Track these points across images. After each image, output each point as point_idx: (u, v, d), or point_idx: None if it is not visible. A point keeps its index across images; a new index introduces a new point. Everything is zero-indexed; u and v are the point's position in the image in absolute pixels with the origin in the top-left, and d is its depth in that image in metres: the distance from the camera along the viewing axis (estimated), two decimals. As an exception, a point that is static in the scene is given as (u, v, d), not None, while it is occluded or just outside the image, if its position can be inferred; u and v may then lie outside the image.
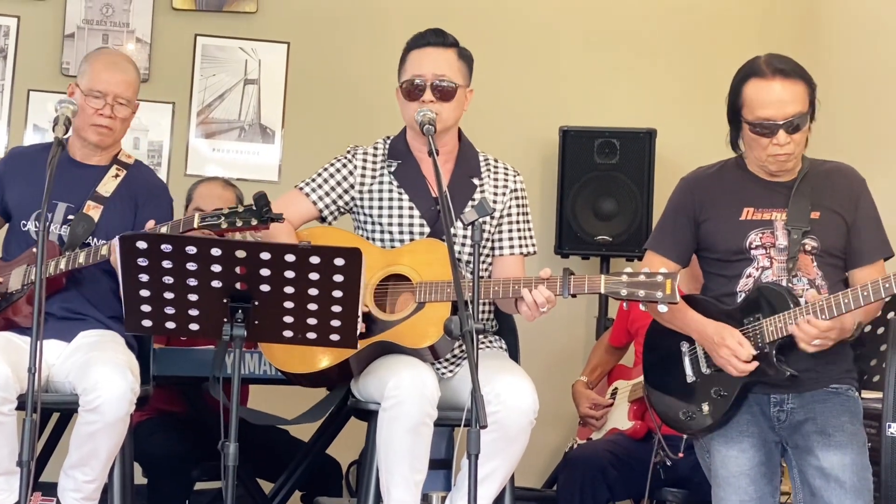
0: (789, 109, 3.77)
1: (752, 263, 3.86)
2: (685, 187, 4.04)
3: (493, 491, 3.89)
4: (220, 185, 5.22)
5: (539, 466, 5.86)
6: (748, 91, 3.82)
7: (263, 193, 3.76)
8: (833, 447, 3.75)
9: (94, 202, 4.25)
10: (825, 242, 3.83)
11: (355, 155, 4.24)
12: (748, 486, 3.84)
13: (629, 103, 6.31)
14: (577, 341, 6.26)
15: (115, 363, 3.85)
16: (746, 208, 3.89)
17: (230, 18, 6.13)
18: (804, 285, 3.82)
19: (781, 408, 3.84)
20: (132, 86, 4.30)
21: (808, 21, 6.33)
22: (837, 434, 3.76)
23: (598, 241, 5.98)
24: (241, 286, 3.35)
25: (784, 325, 3.73)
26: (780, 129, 3.77)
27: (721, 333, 3.81)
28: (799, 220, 3.83)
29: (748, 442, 3.86)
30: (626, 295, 3.72)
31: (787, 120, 3.76)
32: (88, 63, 4.31)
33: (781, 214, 3.86)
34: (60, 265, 4.08)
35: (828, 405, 3.80)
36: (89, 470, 3.85)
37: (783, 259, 3.82)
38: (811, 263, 3.83)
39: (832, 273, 3.86)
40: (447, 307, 3.89)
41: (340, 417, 4.73)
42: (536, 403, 3.86)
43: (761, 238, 3.85)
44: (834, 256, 3.86)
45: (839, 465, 3.73)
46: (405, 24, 4.29)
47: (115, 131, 4.29)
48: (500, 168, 4.28)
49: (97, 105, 4.21)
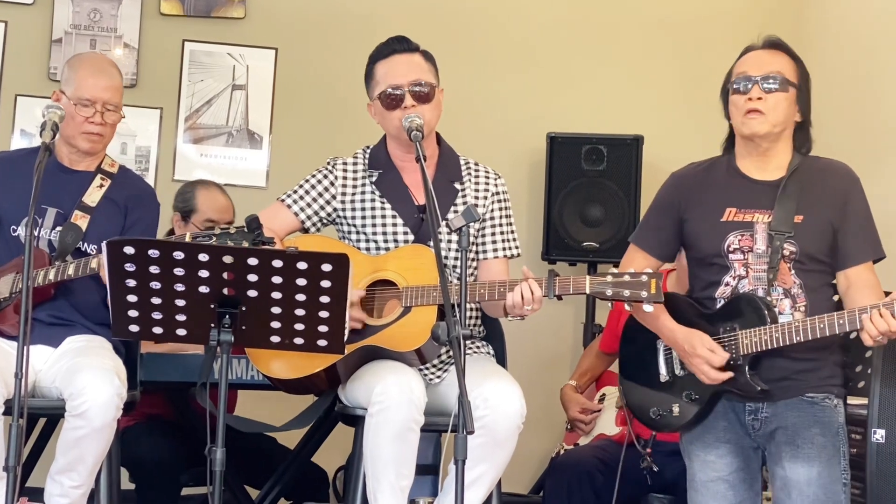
0: (767, 68, 3.78)
1: (729, 272, 3.81)
2: (672, 183, 4.01)
3: (481, 496, 3.89)
4: (220, 192, 5.23)
5: (526, 472, 5.86)
6: (738, 61, 3.85)
7: (256, 217, 3.76)
8: (800, 459, 3.71)
9: (81, 212, 4.24)
10: (806, 247, 3.75)
11: (335, 166, 4.24)
12: (727, 491, 3.83)
13: (616, 110, 6.32)
14: (564, 347, 6.27)
15: (101, 368, 3.85)
16: (729, 208, 3.83)
17: (218, 24, 6.13)
18: (779, 295, 3.76)
19: (756, 416, 3.80)
20: (118, 90, 4.30)
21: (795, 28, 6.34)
22: (806, 446, 3.71)
23: (585, 248, 5.99)
24: (228, 291, 3.35)
25: (759, 340, 3.68)
26: (755, 85, 3.76)
27: (691, 342, 3.78)
28: (783, 224, 3.76)
29: (725, 448, 3.84)
30: (612, 295, 3.73)
31: (762, 75, 3.76)
32: (72, 69, 4.30)
33: (764, 216, 3.79)
34: (49, 276, 4.07)
35: (800, 415, 3.74)
36: (76, 475, 3.84)
37: (760, 266, 3.76)
38: (788, 272, 3.76)
39: (814, 279, 3.78)
40: (433, 311, 3.90)
41: (327, 423, 4.73)
42: (524, 408, 3.87)
43: (739, 241, 3.79)
44: (816, 261, 3.78)
45: (805, 479, 3.69)
46: (393, 31, 4.29)
47: (105, 137, 4.29)
48: (482, 171, 4.28)
49: (87, 113, 4.21)
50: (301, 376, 3.99)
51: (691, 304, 3.91)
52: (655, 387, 3.96)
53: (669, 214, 3.95)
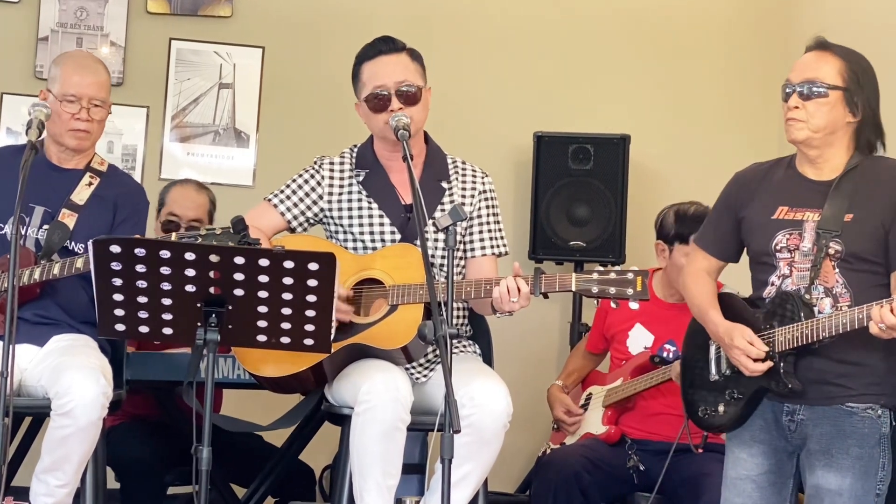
0: (808, 73, 3.70)
1: (776, 271, 3.77)
2: (734, 182, 3.96)
3: (467, 495, 3.89)
4: (193, 188, 5.21)
5: (513, 471, 5.86)
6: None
7: (241, 218, 3.76)
8: (833, 469, 3.64)
9: (69, 210, 4.23)
10: (853, 246, 3.66)
11: (322, 166, 4.24)
12: (753, 491, 3.79)
13: (603, 109, 6.32)
14: (550, 346, 6.27)
15: (87, 367, 3.84)
16: (781, 207, 3.78)
17: (205, 22, 6.12)
18: (819, 294, 3.68)
19: (792, 417, 3.74)
20: (105, 86, 4.28)
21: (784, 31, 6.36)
22: (840, 456, 3.64)
23: (572, 247, 5.99)
24: (214, 290, 3.35)
25: (793, 336, 3.63)
26: (793, 93, 3.70)
27: (731, 334, 3.75)
28: (831, 223, 3.68)
29: (758, 448, 3.80)
30: (597, 293, 3.73)
31: (801, 82, 3.70)
32: (58, 67, 4.29)
33: (814, 215, 3.72)
34: (34, 275, 4.06)
35: (837, 425, 3.67)
36: (61, 474, 3.83)
37: (804, 265, 3.71)
38: (832, 270, 3.68)
39: (862, 280, 3.68)
40: (420, 309, 3.90)
41: (314, 422, 4.73)
42: (510, 407, 3.87)
43: (788, 240, 3.74)
44: (865, 261, 3.68)
45: (836, 488, 3.64)
46: (380, 30, 4.29)
47: (92, 134, 4.27)
48: (469, 170, 4.29)
49: (73, 110, 4.20)
50: (287, 375, 3.99)
51: (743, 305, 3.86)
52: (706, 386, 3.92)
53: (728, 213, 3.91)
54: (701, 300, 3.89)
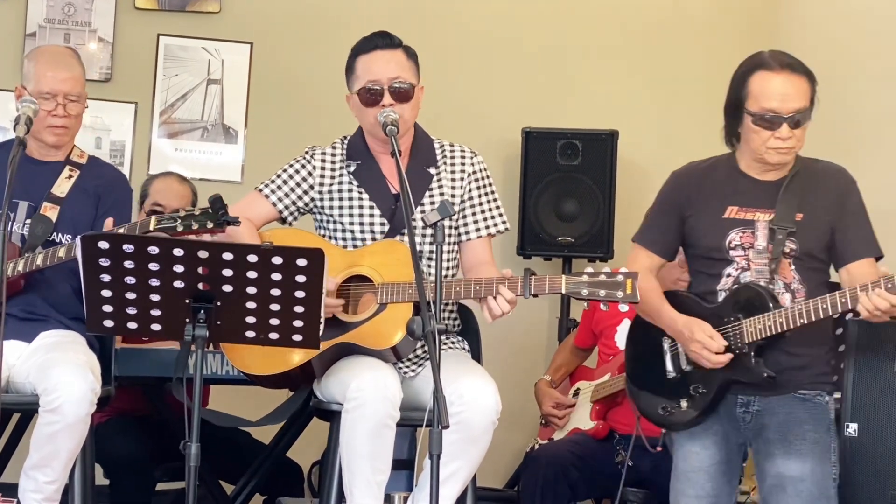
0: (794, 104, 3.78)
1: (732, 264, 3.87)
2: (675, 181, 4.06)
3: (456, 491, 3.90)
4: (175, 180, 5.21)
5: (501, 467, 5.87)
6: (755, 82, 3.82)
7: (219, 196, 3.74)
8: (793, 455, 3.78)
9: (51, 203, 4.22)
10: (805, 245, 3.84)
11: (313, 156, 4.24)
12: (706, 482, 3.89)
13: (591, 105, 6.33)
14: (539, 343, 6.28)
15: (75, 364, 3.84)
16: (731, 206, 3.89)
17: (193, 18, 6.11)
18: (780, 289, 3.83)
19: (747, 409, 3.87)
20: (79, 80, 4.25)
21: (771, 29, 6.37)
22: (798, 442, 3.79)
23: (560, 243, 6.00)
24: (203, 286, 3.34)
25: (763, 326, 3.75)
26: (783, 123, 3.78)
27: (690, 328, 3.84)
28: (785, 220, 3.83)
29: (711, 440, 3.89)
30: (587, 295, 3.74)
31: (791, 114, 3.78)
32: (32, 63, 4.26)
33: (765, 215, 3.86)
34: (18, 267, 4.05)
35: (792, 412, 3.82)
36: (50, 471, 3.83)
37: (761, 261, 3.83)
38: (788, 267, 3.84)
39: (811, 276, 3.86)
40: (409, 308, 3.90)
41: (302, 418, 4.73)
42: (499, 404, 3.87)
43: (741, 238, 3.86)
44: (815, 259, 3.87)
45: (798, 474, 3.76)
46: (368, 26, 4.28)
47: (70, 129, 4.26)
48: (458, 152, 4.27)
49: (49, 107, 4.16)
50: (276, 373, 3.98)
51: (695, 301, 3.94)
52: (663, 384, 3.99)
53: (673, 213, 4.00)
54: (651, 298, 3.94)
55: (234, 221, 3.73)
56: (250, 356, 3.99)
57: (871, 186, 4.20)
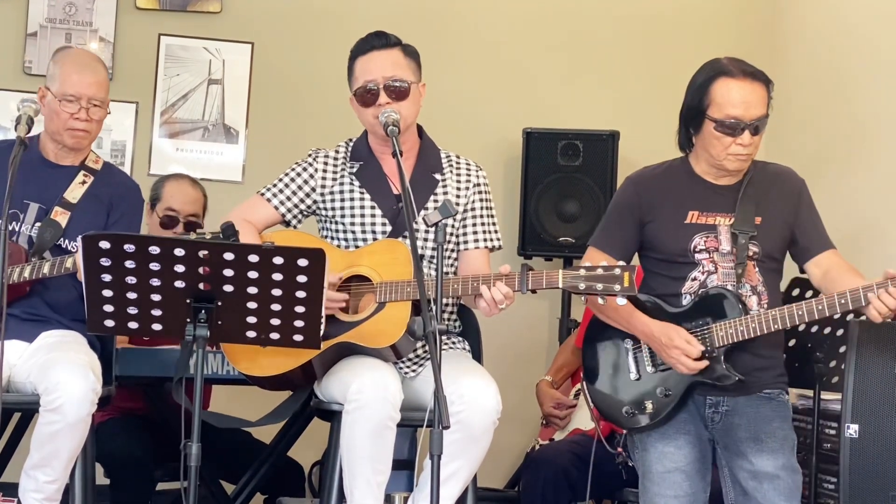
0: (756, 111, 3.86)
1: (697, 267, 3.94)
2: (631, 186, 4.10)
3: (456, 491, 3.90)
4: (188, 183, 5.21)
5: (502, 467, 5.87)
6: (717, 90, 3.88)
7: (231, 223, 3.77)
8: (766, 452, 3.87)
9: (62, 208, 4.22)
10: (766, 247, 3.93)
11: (317, 158, 4.25)
12: (683, 482, 3.92)
13: (592, 105, 6.33)
14: (540, 343, 6.28)
15: (76, 363, 3.84)
16: (691, 212, 3.96)
17: (194, 18, 6.12)
18: (747, 292, 3.91)
19: (716, 409, 3.95)
20: (104, 86, 4.26)
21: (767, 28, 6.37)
22: (769, 440, 3.88)
23: (561, 243, 6.00)
24: (204, 286, 3.35)
25: (735, 330, 3.82)
26: (745, 130, 3.85)
27: (668, 334, 3.88)
28: (745, 224, 3.91)
29: (684, 439, 3.94)
30: (585, 289, 3.74)
31: (752, 121, 3.85)
32: (58, 65, 4.27)
33: (726, 219, 3.94)
34: (24, 274, 4.05)
35: (760, 411, 3.92)
36: (50, 470, 3.83)
37: (727, 264, 3.91)
38: (753, 269, 3.92)
39: (772, 278, 3.97)
40: (408, 306, 3.90)
41: (303, 418, 4.73)
42: (500, 404, 3.88)
43: (705, 242, 3.93)
44: (774, 260, 3.97)
45: (773, 470, 3.85)
46: (368, 26, 4.29)
47: (91, 133, 4.27)
48: (463, 163, 4.29)
49: (72, 109, 4.18)
50: (277, 374, 3.98)
51: (656, 304, 3.99)
52: (626, 386, 4.03)
53: (631, 217, 4.04)
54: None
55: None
56: (251, 357, 3.98)
57: (870, 186, 4.22)
